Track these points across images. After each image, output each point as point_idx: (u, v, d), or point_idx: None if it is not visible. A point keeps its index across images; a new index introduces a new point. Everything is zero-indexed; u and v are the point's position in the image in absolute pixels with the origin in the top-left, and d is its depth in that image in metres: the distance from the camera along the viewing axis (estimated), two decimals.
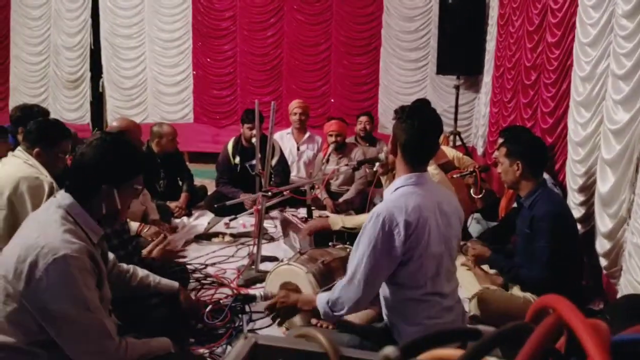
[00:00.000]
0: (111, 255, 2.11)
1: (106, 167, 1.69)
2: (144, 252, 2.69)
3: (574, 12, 3.45)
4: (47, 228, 1.60)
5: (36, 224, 1.66)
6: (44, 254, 1.52)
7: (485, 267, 2.81)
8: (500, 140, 3.26)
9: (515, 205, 3.16)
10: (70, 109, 7.98)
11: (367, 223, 1.80)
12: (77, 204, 1.67)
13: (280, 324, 2.29)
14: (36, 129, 2.78)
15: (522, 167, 2.54)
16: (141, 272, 2.22)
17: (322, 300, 1.92)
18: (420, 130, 1.83)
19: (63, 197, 1.69)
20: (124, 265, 2.19)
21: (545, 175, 2.83)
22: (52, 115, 4.57)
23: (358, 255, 1.80)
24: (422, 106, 1.94)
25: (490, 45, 6.05)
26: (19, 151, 2.75)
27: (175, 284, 2.29)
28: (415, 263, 1.78)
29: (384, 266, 1.78)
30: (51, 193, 2.62)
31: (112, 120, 7.90)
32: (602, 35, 2.86)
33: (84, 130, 7.17)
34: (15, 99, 8.12)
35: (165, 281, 2.27)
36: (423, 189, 1.84)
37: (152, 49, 7.74)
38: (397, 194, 1.84)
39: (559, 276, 2.33)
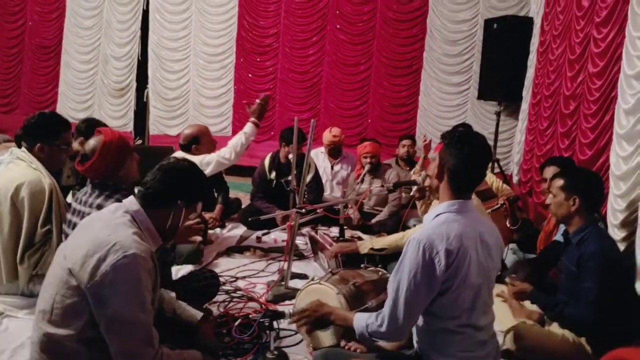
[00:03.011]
0: None
1: (189, 187, 1.84)
2: None
3: (620, 43, 3.37)
4: (117, 228, 1.69)
5: (105, 224, 1.72)
6: (115, 250, 1.60)
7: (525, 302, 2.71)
8: (550, 170, 3.15)
9: (555, 238, 3.07)
10: (114, 116, 8.22)
11: (406, 250, 1.75)
12: (144, 212, 1.77)
13: (308, 332, 2.25)
14: (34, 125, 2.71)
15: (579, 203, 2.44)
16: (167, 298, 2.20)
17: (360, 322, 1.87)
18: (469, 156, 1.78)
19: (131, 203, 1.79)
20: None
21: None
22: None
23: (397, 282, 1.75)
24: (473, 132, 1.90)
25: (529, 73, 5.96)
26: (23, 152, 2.70)
27: (197, 317, 2.17)
28: (453, 293, 1.73)
29: (424, 295, 1.73)
30: (51, 195, 2.62)
31: (154, 130, 8.13)
32: None
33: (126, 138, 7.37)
34: (63, 105, 8.44)
35: (188, 313, 2.18)
36: (466, 217, 1.79)
37: (196, 62, 7.93)
38: (438, 221, 1.79)
39: (605, 317, 2.23)
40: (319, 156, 5.37)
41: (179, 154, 3.77)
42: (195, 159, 3.57)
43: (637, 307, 2.64)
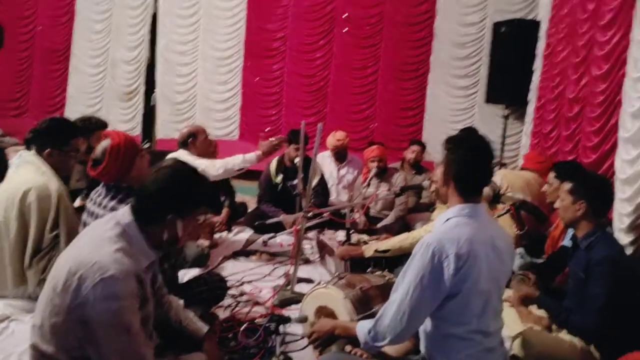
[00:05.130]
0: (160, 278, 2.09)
1: (174, 199, 1.71)
2: None
3: (624, 46, 3.36)
4: (100, 244, 1.62)
5: (91, 238, 1.68)
6: (93, 271, 1.54)
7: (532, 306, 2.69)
8: (551, 176, 3.15)
9: (563, 243, 3.05)
10: (123, 120, 8.26)
11: (415, 253, 1.75)
12: (136, 225, 1.69)
13: (320, 353, 2.27)
14: (45, 130, 2.70)
15: (585, 208, 2.42)
16: (175, 306, 2.14)
17: (362, 329, 1.87)
18: (471, 159, 1.79)
19: (124, 215, 1.71)
20: (167, 296, 2.12)
21: None
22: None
23: (404, 285, 1.74)
24: (472, 134, 1.90)
25: (535, 76, 5.94)
26: (33, 156, 2.68)
27: (203, 330, 2.12)
28: (462, 299, 1.72)
29: (429, 299, 1.72)
30: (59, 200, 2.61)
31: (161, 133, 8.16)
32: None
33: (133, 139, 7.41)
34: (72, 108, 8.49)
35: (195, 325, 2.13)
36: (477, 221, 1.78)
37: (204, 66, 7.96)
38: (450, 224, 1.78)
39: (612, 324, 2.21)
40: (325, 160, 5.37)
41: (178, 152, 3.80)
42: (186, 159, 3.58)
43: None
